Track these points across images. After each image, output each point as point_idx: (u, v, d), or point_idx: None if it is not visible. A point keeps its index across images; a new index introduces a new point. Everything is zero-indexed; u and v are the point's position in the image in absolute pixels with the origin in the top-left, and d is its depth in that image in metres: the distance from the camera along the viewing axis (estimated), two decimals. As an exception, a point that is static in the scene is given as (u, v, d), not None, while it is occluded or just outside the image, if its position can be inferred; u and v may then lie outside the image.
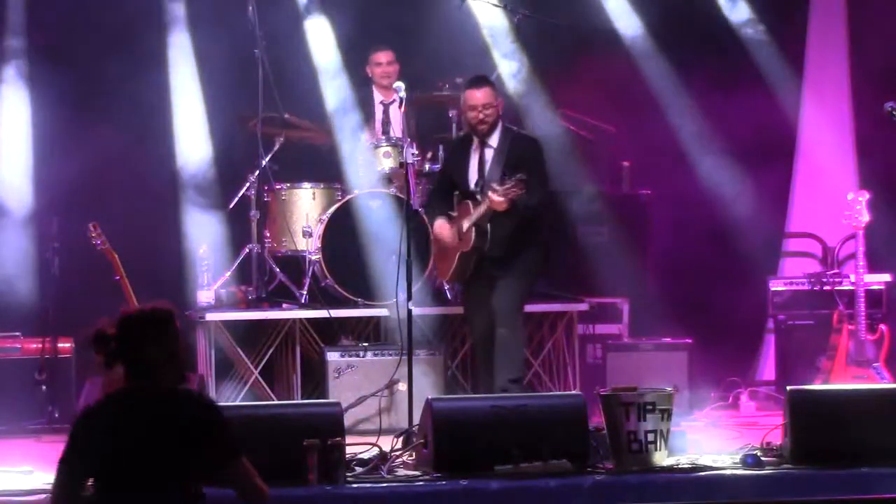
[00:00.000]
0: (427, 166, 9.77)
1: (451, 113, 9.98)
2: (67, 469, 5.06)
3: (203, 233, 10.09)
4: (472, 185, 8.73)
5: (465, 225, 8.68)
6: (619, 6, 10.83)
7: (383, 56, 10.24)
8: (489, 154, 8.70)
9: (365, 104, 10.33)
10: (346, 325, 9.70)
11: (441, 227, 8.85)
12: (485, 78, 8.93)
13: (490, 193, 8.44)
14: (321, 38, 10.49)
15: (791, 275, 10.63)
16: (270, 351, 9.47)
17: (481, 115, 8.65)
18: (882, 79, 10.43)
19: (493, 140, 8.70)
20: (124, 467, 4.97)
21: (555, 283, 10.13)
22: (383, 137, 9.98)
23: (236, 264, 9.87)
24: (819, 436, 7.31)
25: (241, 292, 9.79)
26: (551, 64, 10.52)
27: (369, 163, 9.87)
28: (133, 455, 4.97)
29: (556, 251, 10.37)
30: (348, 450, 7.16)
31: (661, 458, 7.26)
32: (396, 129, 10.06)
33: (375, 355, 9.23)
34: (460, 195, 8.82)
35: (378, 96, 10.33)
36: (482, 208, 8.52)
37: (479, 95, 8.66)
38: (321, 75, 10.46)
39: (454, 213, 8.85)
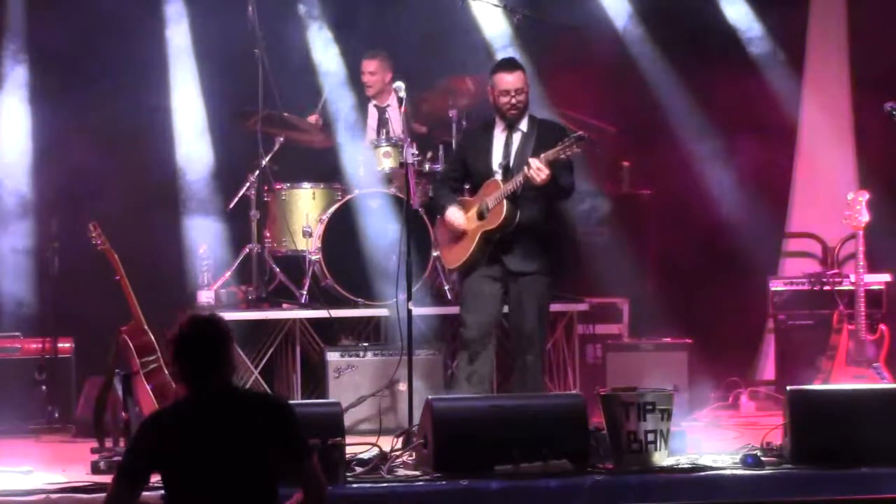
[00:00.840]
0: (427, 166, 9.75)
1: (451, 113, 9.96)
2: (133, 472, 5.09)
3: (203, 233, 10.09)
4: (494, 166, 8.37)
5: (493, 201, 8.29)
6: (618, 7, 10.83)
7: (366, 65, 10.30)
8: (517, 138, 8.39)
9: (362, 106, 10.38)
10: (346, 325, 9.70)
11: (453, 213, 8.42)
12: (517, 61, 8.61)
13: (543, 156, 8.06)
14: (321, 39, 10.50)
15: (791, 275, 10.63)
16: (270, 351, 9.47)
17: (514, 101, 8.32)
18: (882, 79, 10.43)
19: (522, 125, 8.41)
20: (203, 468, 5.02)
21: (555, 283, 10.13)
22: (382, 138, 9.98)
23: (236, 264, 9.87)
24: (819, 436, 7.32)
25: (241, 292, 9.79)
26: (551, 64, 10.51)
27: (369, 163, 9.87)
28: (214, 455, 5.03)
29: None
30: (348, 450, 7.16)
31: (661, 458, 7.26)
32: (396, 131, 10.05)
33: (375, 355, 9.23)
34: (474, 182, 8.50)
35: (372, 99, 10.37)
36: (520, 177, 8.13)
37: (511, 80, 8.34)
38: (321, 76, 10.47)
39: (466, 199, 8.54)
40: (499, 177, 8.36)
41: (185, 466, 5.04)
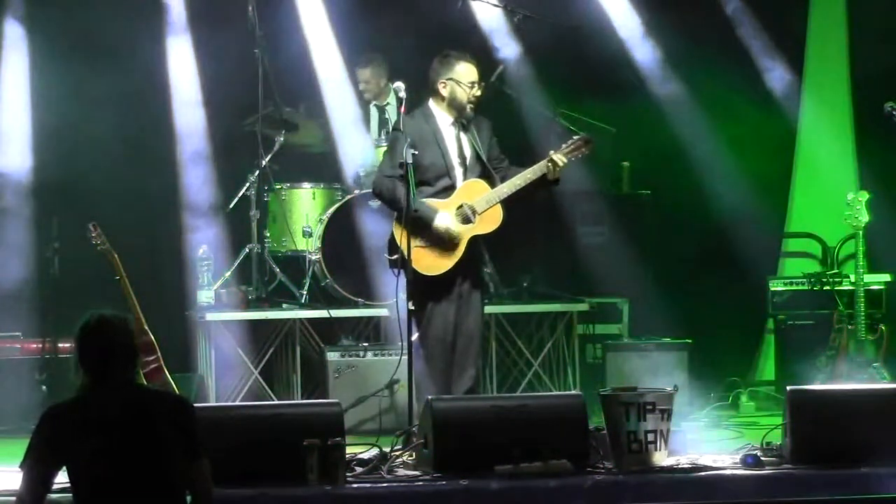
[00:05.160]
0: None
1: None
2: (39, 469, 5.15)
3: (203, 233, 10.09)
4: (454, 162, 8.09)
5: (483, 204, 8.01)
6: (616, 5, 10.82)
7: (360, 74, 10.34)
8: (464, 136, 8.15)
9: (363, 105, 10.39)
10: (346, 325, 9.70)
11: (445, 219, 7.99)
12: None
13: (556, 155, 7.97)
14: (321, 39, 10.50)
15: (791, 275, 10.64)
16: (270, 351, 9.47)
17: (477, 92, 8.10)
18: (882, 79, 10.43)
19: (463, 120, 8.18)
20: (107, 465, 5.02)
21: (555, 283, 10.13)
22: (383, 137, 9.98)
23: (236, 264, 9.87)
24: (819, 436, 7.30)
25: (241, 292, 9.79)
26: (551, 64, 10.50)
27: (369, 162, 9.86)
28: (117, 451, 5.02)
29: (556, 251, 10.41)
30: (348, 450, 7.15)
31: (661, 458, 7.26)
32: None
33: (375, 355, 9.23)
34: (422, 177, 8.03)
35: (372, 100, 10.38)
36: (527, 174, 7.95)
37: (475, 70, 8.14)
38: (321, 76, 10.48)
39: (434, 200, 8.09)
40: (458, 173, 8.12)
41: (88, 463, 5.04)
